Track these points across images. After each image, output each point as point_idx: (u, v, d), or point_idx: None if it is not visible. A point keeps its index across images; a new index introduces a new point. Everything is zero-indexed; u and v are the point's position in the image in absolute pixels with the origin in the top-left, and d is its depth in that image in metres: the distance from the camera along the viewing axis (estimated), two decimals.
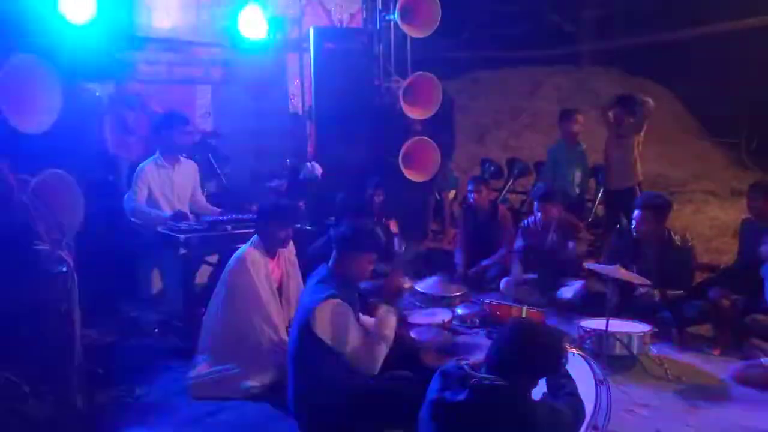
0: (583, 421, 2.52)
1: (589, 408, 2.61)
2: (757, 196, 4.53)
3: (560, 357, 2.38)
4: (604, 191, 6.41)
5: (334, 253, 3.14)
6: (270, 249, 3.75)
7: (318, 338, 2.91)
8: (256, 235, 3.78)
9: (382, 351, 2.97)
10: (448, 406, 2.21)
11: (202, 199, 4.91)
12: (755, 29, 8.83)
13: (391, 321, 3.05)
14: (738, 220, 5.25)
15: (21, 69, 3.53)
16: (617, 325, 3.84)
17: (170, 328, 4.31)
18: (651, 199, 4.57)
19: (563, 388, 2.50)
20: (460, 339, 4.21)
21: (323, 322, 2.92)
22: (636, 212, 4.47)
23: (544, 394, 2.48)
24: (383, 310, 3.07)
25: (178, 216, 4.41)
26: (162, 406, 3.40)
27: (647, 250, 4.48)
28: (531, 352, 2.25)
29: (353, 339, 2.94)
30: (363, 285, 4.13)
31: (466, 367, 2.28)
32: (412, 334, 3.86)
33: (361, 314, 3.29)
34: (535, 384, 2.34)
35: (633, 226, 4.49)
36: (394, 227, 5.09)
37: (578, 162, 6.13)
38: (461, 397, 2.18)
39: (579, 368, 2.75)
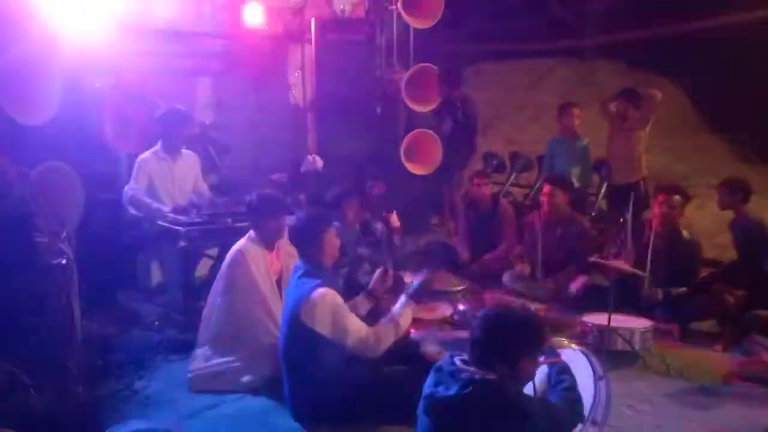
0: (581, 416, 2.51)
1: (588, 403, 2.60)
2: (724, 191, 4.55)
3: (534, 334, 2.28)
4: (607, 186, 6.37)
5: (297, 248, 3.21)
6: (267, 241, 3.72)
7: (313, 333, 2.92)
8: (252, 230, 3.76)
9: (391, 336, 2.96)
10: (440, 401, 2.21)
11: (205, 188, 4.89)
12: (762, 22, 8.74)
13: (410, 312, 3.08)
14: None
15: (21, 60, 3.51)
16: (619, 320, 3.82)
17: (170, 320, 4.30)
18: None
19: (562, 383, 2.49)
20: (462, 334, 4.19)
21: (322, 317, 2.92)
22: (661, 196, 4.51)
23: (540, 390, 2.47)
24: (405, 301, 3.10)
25: (178, 210, 4.39)
26: (161, 398, 3.39)
27: (657, 241, 4.45)
28: (504, 337, 2.23)
29: (352, 326, 2.95)
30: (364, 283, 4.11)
31: (458, 361, 2.26)
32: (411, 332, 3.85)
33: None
34: (521, 371, 2.27)
35: (654, 210, 4.52)
36: (395, 221, 5.05)
37: (577, 156, 6.09)
38: (452, 391, 2.17)
39: (579, 363, 2.74)
